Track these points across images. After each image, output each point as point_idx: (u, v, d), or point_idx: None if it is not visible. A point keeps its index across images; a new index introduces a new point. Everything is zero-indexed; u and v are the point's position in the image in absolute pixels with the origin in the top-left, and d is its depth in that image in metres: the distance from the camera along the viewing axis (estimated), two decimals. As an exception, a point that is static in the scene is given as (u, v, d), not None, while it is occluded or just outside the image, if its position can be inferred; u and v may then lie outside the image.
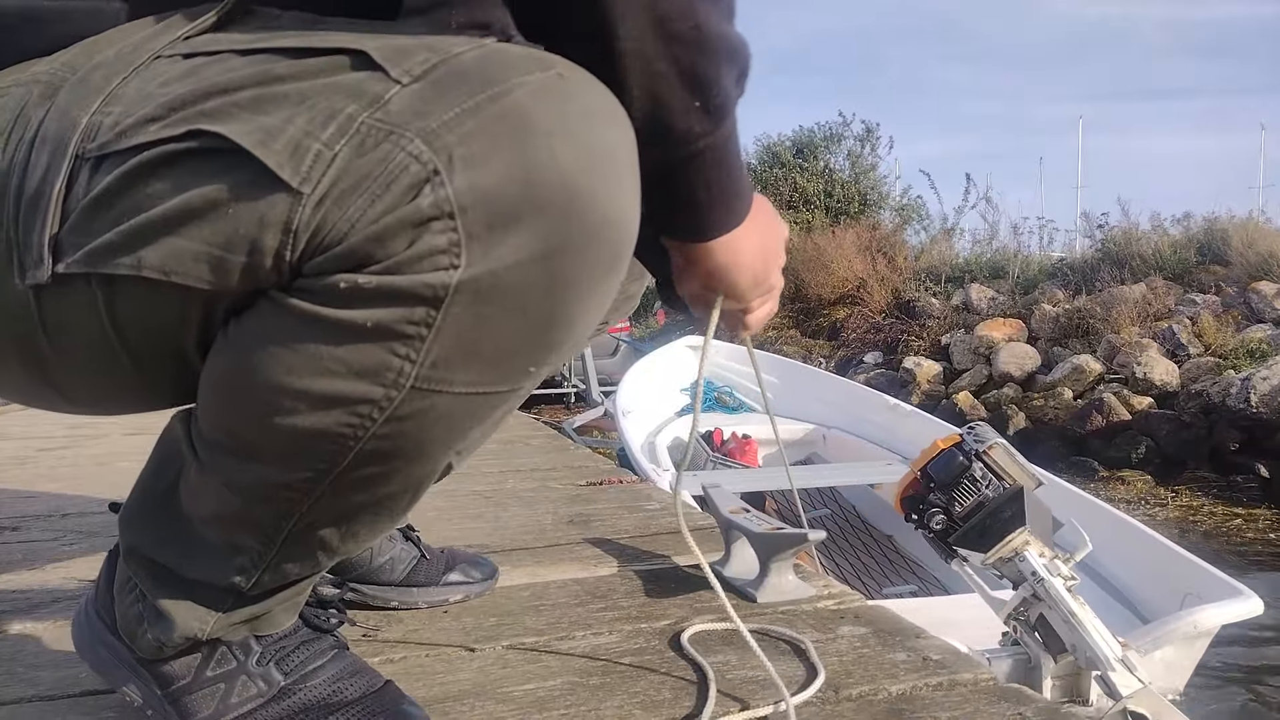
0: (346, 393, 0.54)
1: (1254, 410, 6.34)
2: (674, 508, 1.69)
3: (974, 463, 1.30)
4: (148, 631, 0.70)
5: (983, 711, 0.83)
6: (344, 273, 0.51)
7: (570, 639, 1.01)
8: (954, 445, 1.34)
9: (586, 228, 0.53)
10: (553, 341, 0.56)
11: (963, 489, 1.30)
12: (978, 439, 1.34)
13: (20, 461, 2.32)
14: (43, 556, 1.37)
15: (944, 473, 1.32)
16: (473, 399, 0.57)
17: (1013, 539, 1.27)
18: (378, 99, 0.51)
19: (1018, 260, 10.56)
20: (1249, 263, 8.35)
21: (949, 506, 1.31)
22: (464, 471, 2.07)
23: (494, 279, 0.51)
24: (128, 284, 0.55)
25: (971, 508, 1.29)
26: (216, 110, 0.52)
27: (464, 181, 0.49)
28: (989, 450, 1.32)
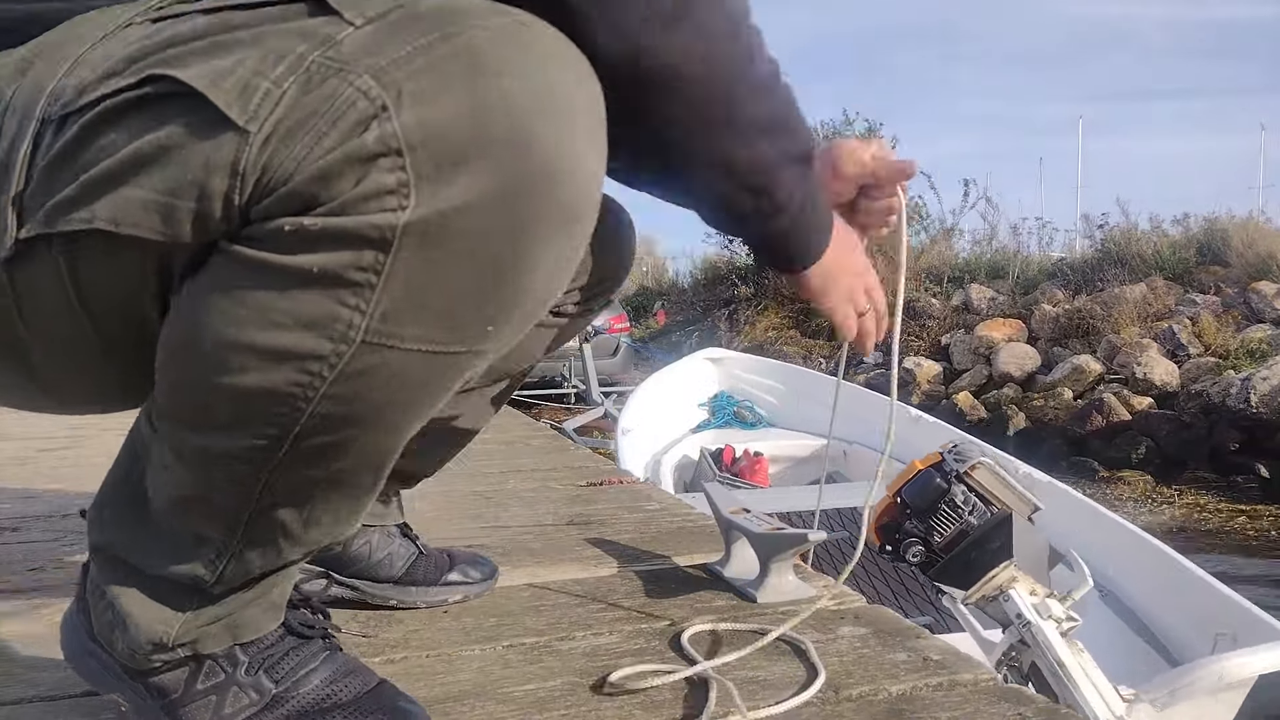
0: (294, 347, 0.52)
1: (1254, 410, 6.35)
2: (674, 508, 1.69)
3: (954, 486, 1.16)
4: (118, 639, 0.69)
5: (983, 711, 0.83)
6: (289, 216, 0.50)
7: (570, 639, 1.01)
8: (932, 466, 1.21)
9: (539, 172, 0.51)
10: (507, 296, 0.54)
11: (942, 516, 1.16)
12: (959, 457, 1.20)
13: (20, 462, 2.32)
14: (43, 557, 1.37)
15: (920, 497, 1.17)
16: (427, 358, 0.54)
17: (997, 574, 1.12)
18: (329, 39, 0.50)
19: (1018, 260, 10.57)
20: (1249, 263, 8.35)
21: (928, 536, 1.17)
22: (464, 471, 2.07)
23: (443, 220, 0.49)
24: (86, 242, 0.53)
25: (952, 537, 1.15)
26: (172, 57, 0.51)
27: (412, 117, 0.48)
28: (971, 471, 1.18)
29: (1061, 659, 1.09)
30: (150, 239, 0.52)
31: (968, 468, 1.18)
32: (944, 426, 3.84)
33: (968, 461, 1.19)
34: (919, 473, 1.21)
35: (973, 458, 1.19)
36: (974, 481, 1.17)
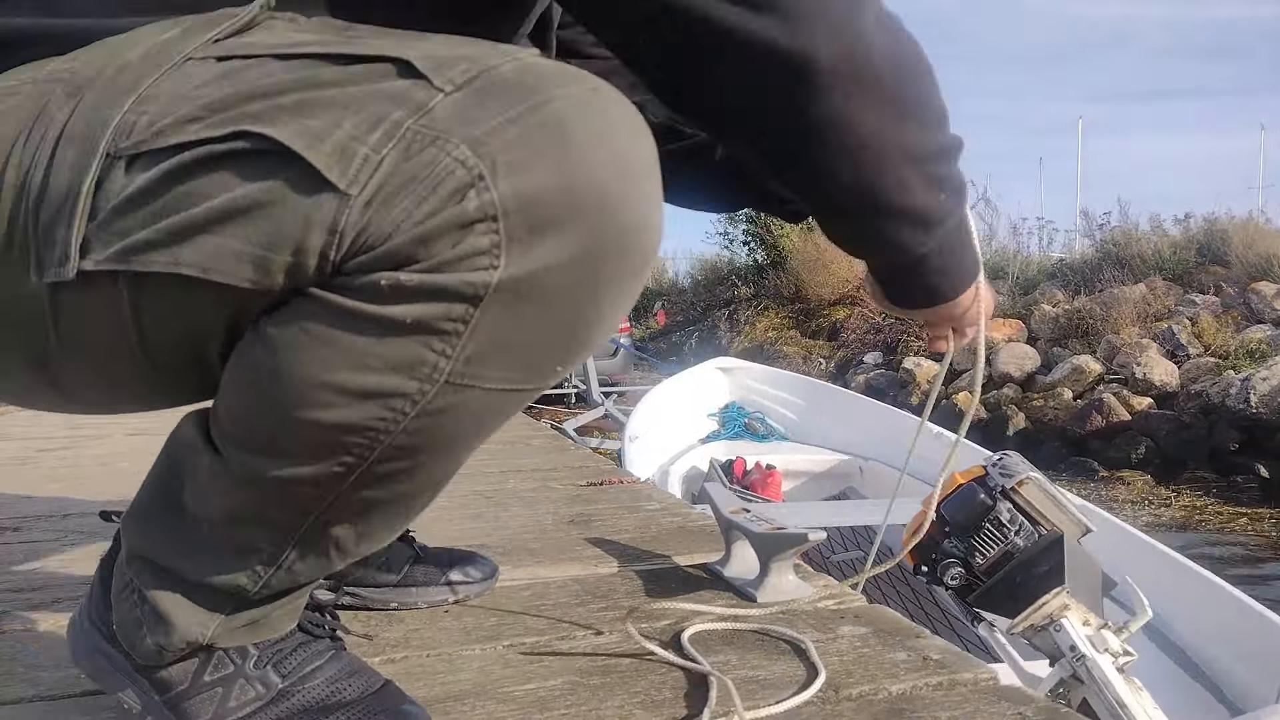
0: (381, 387, 0.55)
1: (1253, 410, 6.35)
2: (674, 507, 1.69)
3: (999, 502, 1.06)
4: (147, 636, 0.69)
5: (983, 711, 0.83)
6: (387, 271, 0.53)
7: (571, 639, 1.01)
8: (975, 480, 1.11)
9: (619, 232, 0.55)
10: (580, 341, 0.59)
11: (985, 535, 1.05)
12: (1005, 472, 1.10)
13: (21, 462, 2.32)
14: (44, 556, 1.38)
15: (962, 514, 1.08)
16: (500, 395, 0.58)
17: (1047, 602, 1.02)
18: (422, 106, 0.52)
19: (1017, 261, 10.57)
20: (1249, 263, 8.36)
21: (968, 557, 1.06)
22: (464, 471, 2.06)
23: (532, 279, 0.53)
24: (159, 282, 0.55)
25: (996, 559, 1.05)
26: (261, 113, 0.53)
27: (508, 186, 0.51)
28: (1019, 487, 1.08)
29: (1121, 698, 0.98)
30: (239, 287, 0.54)
31: (1014, 483, 1.08)
32: (971, 445, 3.60)
33: (1014, 476, 1.09)
34: (960, 487, 1.11)
35: (1019, 472, 1.09)
36: (1021, 498, 1.07)
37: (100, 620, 0.75)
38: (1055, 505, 1.07)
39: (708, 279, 14.57)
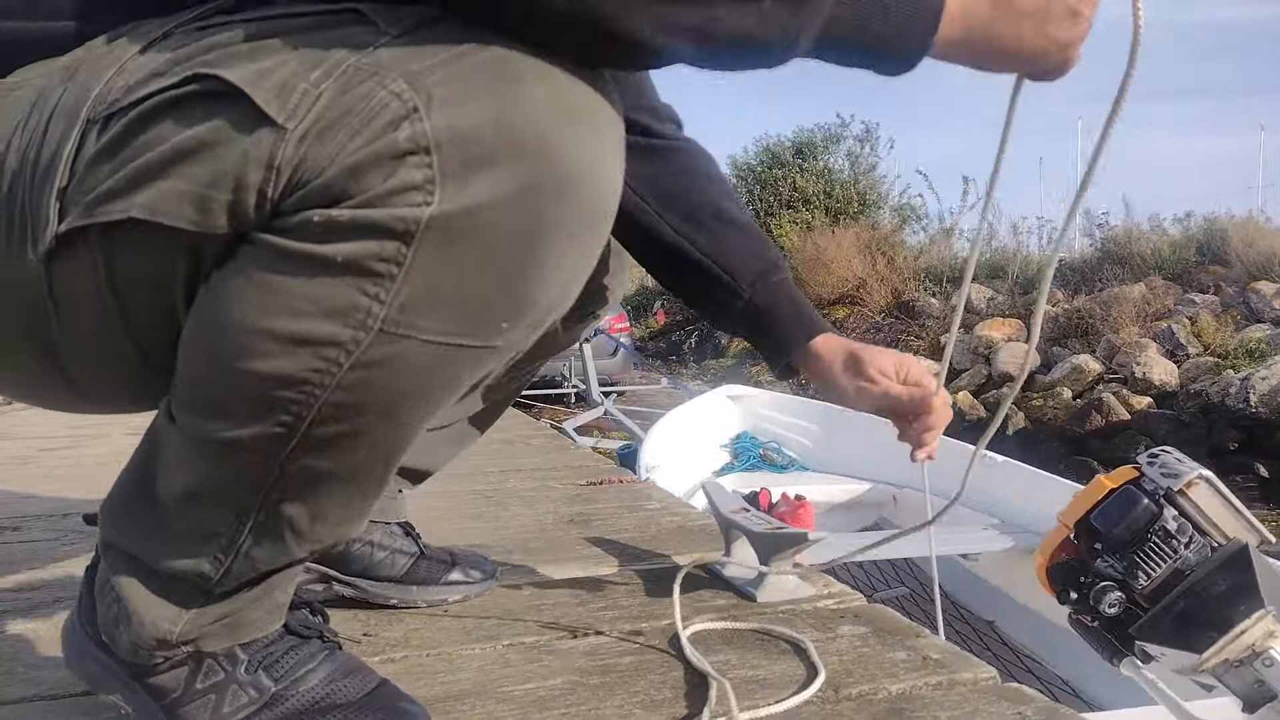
0: (314, 333, 0.54)
1: (1253, 410, 6.35)
2: (674, 507, 1.69)
3: (1165, 509, 0.89)
4: (123, 634, 0.69)
5: (982, 711, 0.83)
6: (320, 208, 0.52)
7: (571, 638, 1.01)
8: (1130, 482, 0.93)
9: (559, 176, 0.53)
10: (523, 295, 0.56)
11: (1151, 551, 0.87)
12: (1167, 471, 0.93)
13: (22, 461, 2.32)
14: (44, 556, 1.38)
15: (1120, 524, 0.89)
16: (441, 350, 0.56)
17: (1247, 629, 0.83)
18: (365, 46, 0.53)
19: (1017, 260, 10.56)
20: (1248, 262, 8.35)
21: (1128, 578, 0.88)
22: (464, 471, 2.07)
23: (466, 217, 0.52)
24: (121, 234, 0.55)
25: (1163, 579, 0.87)
26: (215, 59, 0.54)
27: (442, 119, 0.50)
28: (1188, 489, 0.90)
29: None
30: (184, 229, 0.54)
31: (1182, 484, 0.90)
32: (1022, 468, 3.22)
33: (1181, 476, 0.91)
34: (1114, 493, 0.93)
35: (1186, 471, 0.92)
36: (1189, 503, 0.89)
37: (89, 624, 0.75)
38: (1230, 510, 0.90)
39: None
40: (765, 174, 13.27)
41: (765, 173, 13.28)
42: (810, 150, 13.19)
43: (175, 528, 0.66)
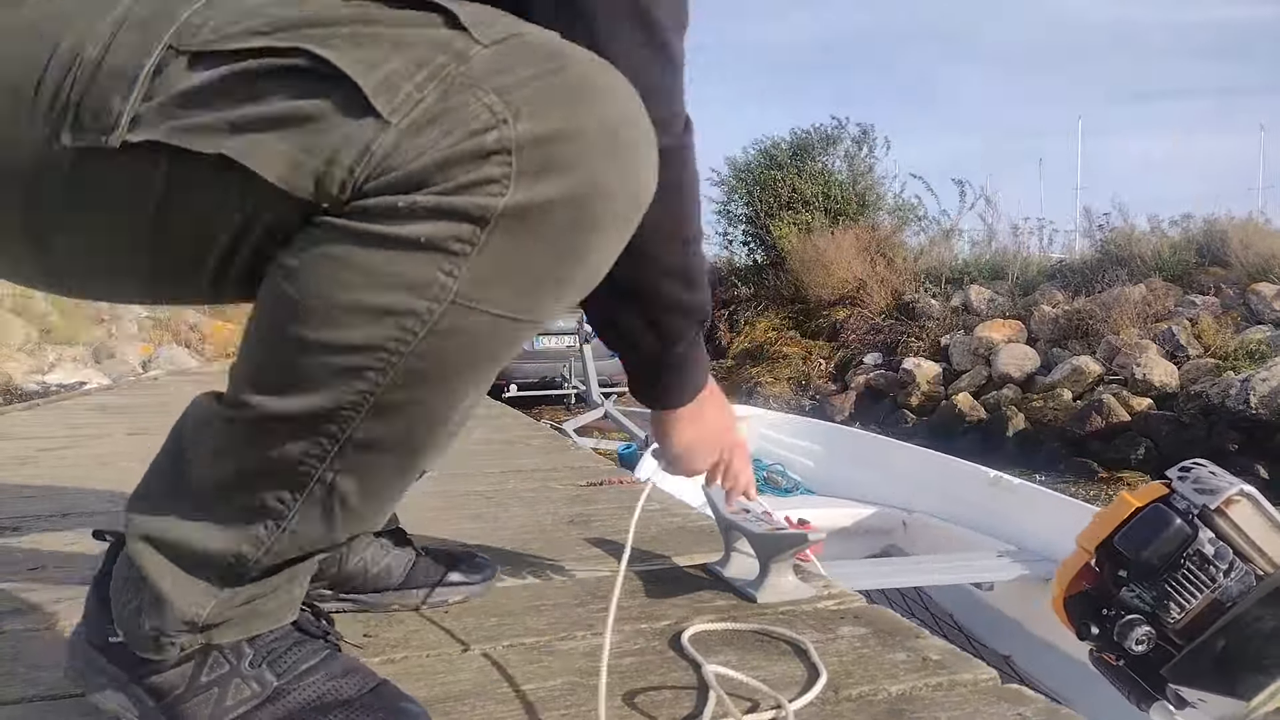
0: (396, 305, 0.60)
1: (1253, 411, 6.35)
2: (674, 508, 1.69)
3: (1200, 530, 0.77)
4: (145, 623, 0.70)
5: (982, 712, 0.83)
6: (403, 194, 0.58)
7: (570, 639, 1.01)
8: (1159, 500, 0.81)
9: (614, 184, 0.62)
10: (569, 277, 0.64)
11: (1185, 579, 0.76)
12: (1201, 487, 0.81)
13: (21, 461, 2.32)
14: (44, 557, 1.37)
15: (1149, 548, 0.78)
16: (500, 323, 0.63)
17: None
18: (462, 55, 0.59)
19: (1017, 261, 10.57)
20: (1248, 264, 8.36)
21: (1158, 610, 0.78)
22: (464, 472, 2.07)
23: (534, 209, 0.59)
24: (198, 164, 0.59)
25: (1199, 611, 0.76)
26: (320, 37, 0.59)
27: (526, 128, 0.58)
28: (1227, 507, 0.78)
29: None
30: (269, 180, 0.59)
31: (1220, 502, 0.78)
32: (1041, 491, 3.05)
33: (1220, 494, 0.79)
34: (1140, 511, 0.82)
35: (1225, 488, 0.81)
36: (1229, 523, 0.78)
37: (96, 638, 0.75)
38: (1276, 531, 0.78)
39: (707, 279, 14.58)
40: (763, 175, 13.27)
41: (763, 174, 13.29)
42: (807, 152, 13.19)
43: (218, 510, 0.68)
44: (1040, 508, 2.85)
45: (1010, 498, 2.98)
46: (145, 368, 7.37)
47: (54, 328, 7.50)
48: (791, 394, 9.88)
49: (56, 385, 6.23)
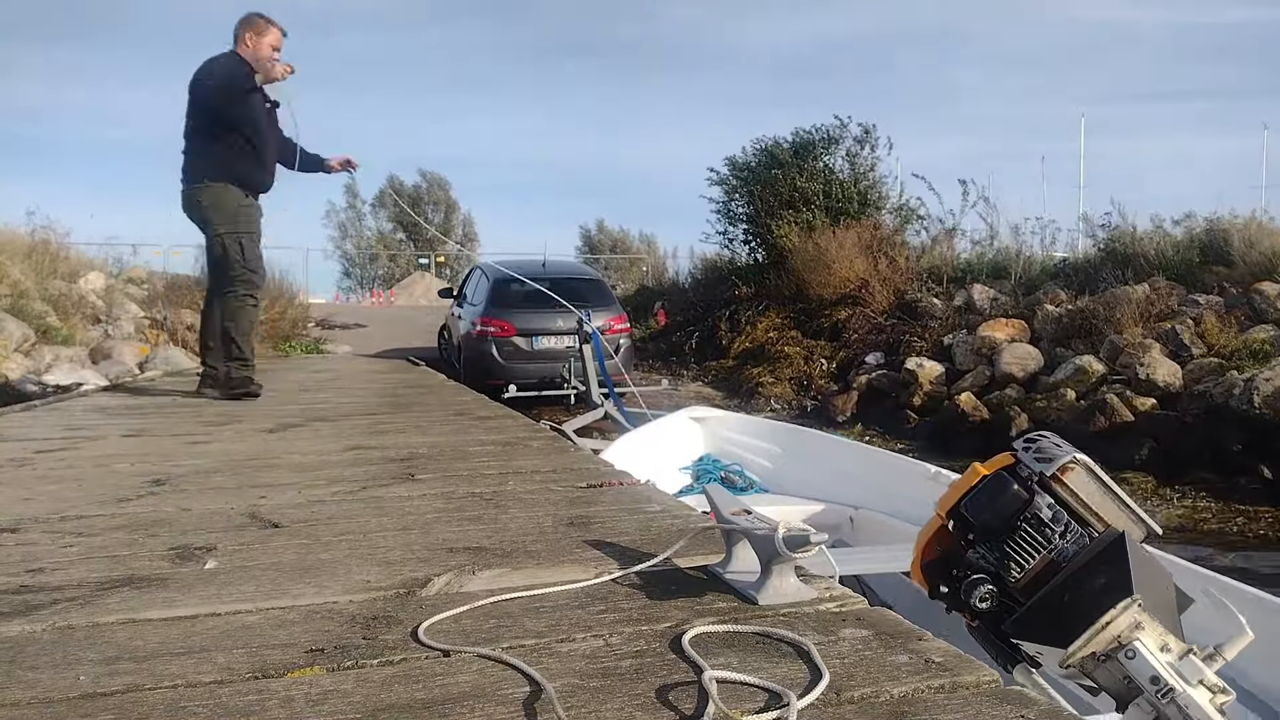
0: None
1: (1257, 411, 6.33)
2: (675, 509, 1.68)
3: (1038, 496, 0.82)
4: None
5: (985, 714, 0.82)
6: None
7: (571, 641, 1.01)
8: (1005, 469, 0.86)
9: None
10: None
11: (1023, 540, 0.81)
12: (1041, 456, 0.86)
13: (19, 463, 2.31)
14: (42, 558, 1.37)
15: (990, 513, 0.83)
16: None
17: (1113, 619, 0.76)
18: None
19: (1020, 261, 10.54)
20: (1252, 263, 8.33)
21: (1000, 570, 0.82)
22: (464, 473, 2.07)
23: None
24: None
25: (1037, 571, 0.81)
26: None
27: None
28: (1063, 474, 0.83)
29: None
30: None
31: (1056, 469, 0.82)
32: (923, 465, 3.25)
33: (1055, 461, 0.83)
34: (985, 479, 0.86)
35: (1061, 455, 0.84)
36: (1066, 489, 0.82)
37: None
38: (1109, 497, 0.82)
39: (708, 278, 14.54)
40: (764, 174, 13.26)
41: (764, 173, 13.27)
42: (809, 151, 13.18)
43: None
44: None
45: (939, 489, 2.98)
46: (142, 369, 7.36)
47: (51, 328, 7.50)
48: (793, 394, 9.87)
49: (54, 386, 6.23)
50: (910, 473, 3.40)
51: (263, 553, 1.39)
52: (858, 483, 3.58)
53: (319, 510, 1.69)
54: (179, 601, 1.16)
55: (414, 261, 33.99)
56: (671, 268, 17.26)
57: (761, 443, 4.22)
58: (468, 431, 2.85)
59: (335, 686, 0.89)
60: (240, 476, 2.06)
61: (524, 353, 8.83)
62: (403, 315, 18.14)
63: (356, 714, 0.83)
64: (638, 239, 34.01)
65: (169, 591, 1.20)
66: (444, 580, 1.23)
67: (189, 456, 2.28)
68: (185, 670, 0.93)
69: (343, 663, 0.95)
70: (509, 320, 8.92)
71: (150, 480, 2.02)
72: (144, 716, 0.83)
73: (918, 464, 3.49)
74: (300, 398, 4.14)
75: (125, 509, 1.72)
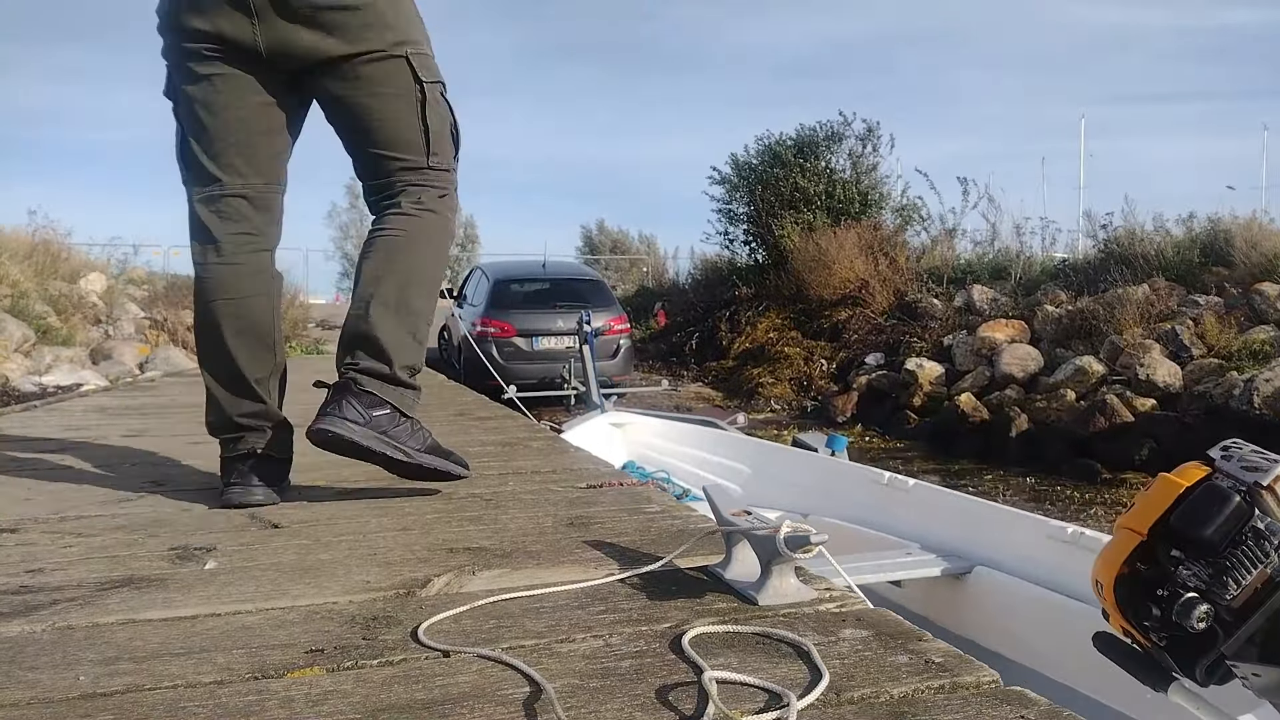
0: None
1: (1257, 412, 6.33)
2: (675, 510, 1.68)
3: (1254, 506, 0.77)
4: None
5: (985, 714, 0.82)
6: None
7: (571, 641, 1.01)
8: (1208, 477, 0.81)
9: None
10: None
11: (1244, 555, 0.75)
12: (1248, 464, 0.80)
13: (19, 463, 2.31)
14: (42, 558, 1.37)
15: (1209, 526, 0.77)
16: None
17: None
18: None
19: (1020, 261, 10.55)
20: (1252, 263, 8.33)
21: (1214, 587, 0.76)
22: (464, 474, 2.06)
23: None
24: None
25: (1256, 589, 0.75)
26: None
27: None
28: (1276, 484, 0.78)
29: None
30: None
31: (1271, 480, 0.77)
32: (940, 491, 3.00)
33: (1268, 471, 0.78)
34: (1197, 490, 0.80)
35: (1271, 466, 0.79)
36: (1275, 502, 0.77)
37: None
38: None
39: (708, 279, 14.56)
40: (766, 173, 13.26)
41: (766, 172, 13.27)
42: (812, 149, 13.17)
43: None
44: (935, 505, 2.86)
45: (910, 497, 2.96)
46: (142, 369, 7.36)
47: (51, 329, 7.50)
48: (793, 394, 9.87)
49: (54, 386, 6.23)
50: (857, 477, 3.27)
51: (263, 553, 1.39)
52: (804, 490, 3.40)
53: (319, 510, 1.69)
54: (179, 602, 1.16)
55: (414, 262, 33.93)
56: (672, 268, 17.30)
57: (686, 448, 4.02)
58: (468, 431, 2.85)
59: (335, 687, 0.89)
60: (240, 477, 2.06)
61: (524, 353, 8.83)
62: (403, 316, 18.10)
63: (356, 714, 0.83)
64: (638, 240, 34.04)
65: (169, 592, 1.20)
66: (444, 580, 1.23)
67: (189, 457, 2.29)
68: (185, 670, 0.93)
69: (343, 663, 0.95)
70: (509, 321, 8.93)
71: (150, 480, 2.02)
72: (144, 716, 0.83)
73: (865, 469, 3.35)
74: (300, 398, 4.14)
75: (125, 509, 1.72)
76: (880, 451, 7.67)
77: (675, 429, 4.23)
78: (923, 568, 2.52)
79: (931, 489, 3.00)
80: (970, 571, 2.49)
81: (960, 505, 2.79)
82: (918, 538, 2.76)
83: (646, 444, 4.09)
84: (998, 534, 2.51)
